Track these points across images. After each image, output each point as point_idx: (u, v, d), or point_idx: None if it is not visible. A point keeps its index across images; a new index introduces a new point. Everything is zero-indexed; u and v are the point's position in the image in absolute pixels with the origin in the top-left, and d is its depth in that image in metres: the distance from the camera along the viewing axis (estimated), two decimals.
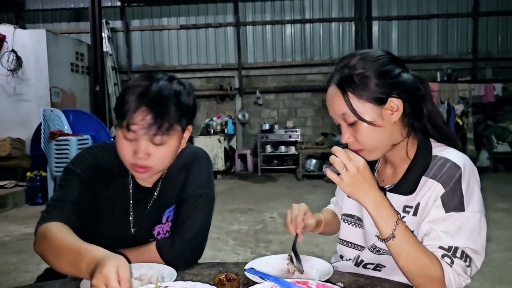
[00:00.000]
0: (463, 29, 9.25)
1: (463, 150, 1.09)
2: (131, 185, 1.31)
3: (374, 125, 1.04)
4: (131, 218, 1.31)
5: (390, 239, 1.00)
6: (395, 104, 1.04)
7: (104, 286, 0.89)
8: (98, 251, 1.00)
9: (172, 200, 1.32)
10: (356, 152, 1.07)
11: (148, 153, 1.15)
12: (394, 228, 0.99)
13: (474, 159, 7.80)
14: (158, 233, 1.32)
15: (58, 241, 1.08)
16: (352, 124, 1.05)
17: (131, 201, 1.30)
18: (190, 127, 1.24)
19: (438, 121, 1.11)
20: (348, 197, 1.19)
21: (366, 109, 1.03)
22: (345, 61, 1.08)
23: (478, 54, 9.04)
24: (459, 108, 7.70)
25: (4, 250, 4.08)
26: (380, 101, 1.03)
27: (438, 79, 8.59)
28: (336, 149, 1.00)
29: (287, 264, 1.19)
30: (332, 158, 1.00)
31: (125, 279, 0.91)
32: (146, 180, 1.29)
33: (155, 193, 1.32)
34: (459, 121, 7.67)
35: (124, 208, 1.30)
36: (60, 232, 1.11)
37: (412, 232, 1.06)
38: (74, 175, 1.24)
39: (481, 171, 7.66)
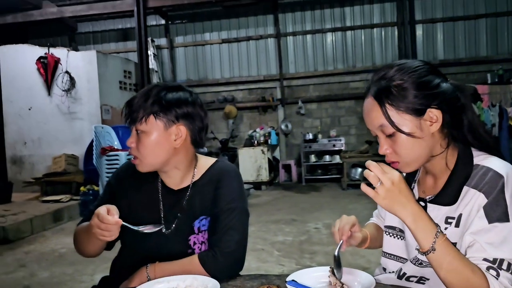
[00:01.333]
0: None
1: None
2: (160, 187, 1.42)
3: (413, 137, 1.02)
4: (163, 223, 1.38)
5: (430, 252, 0.97)
6: (434, 115, 1.03)
7: (97, 219, 1.17)
8: None
9: (200, 212, 1.37)
10: (393, 163, 1.06)
11: (133, 142, 1.31)
12: (434, 240, 0.96)
13: None
14: (194, 243, 1.36)
15: (79, 232, 1.39)
16: (390, 136, 1.05)
17: (161, 203, 1.40)
18: (182, 129, 1.33)
19: (479, 130, 1.08)
20: None
21: (404, 120, 1.02)
22: (382, 72, 1.07)
23: None
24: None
25: (61, 261, 4.29)
26: (419, 112, 1.02)
27: (489, 81, 8.23)
28: (369, 163, 0.99)
29: (329, 276, 1.18)
30: (366, 172, 0.99)
31: (112, 208, 1.19)
32: (171, 182, 1.41)
33: (184, 202, 1.38)
34: None
35: (156, 211, 1.39)
36: (80, 227, 1.41)
37: (455, 244, 1.04)
38: (109, 186, 1.48)
39: None
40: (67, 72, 7.49)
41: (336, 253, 1.16)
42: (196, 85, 9.74)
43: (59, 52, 7.66)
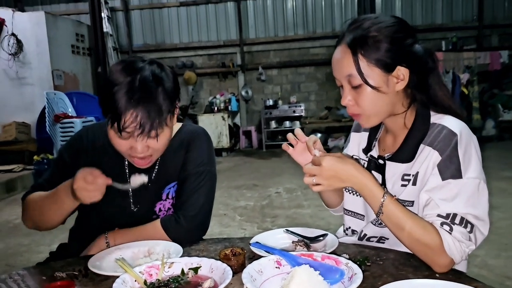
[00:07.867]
0: None
1: (468, 119, 1.08)
2: (126, 165, 1.33)
3: (378, 91, 1.03)
4: (130, 195, 1.32)
5: (380, 214, 1.01)
6: (402, 73, 1.04)
7: (83, 181, 1.08)
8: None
9: (171, 177, 1.33)
10: (354, 115, 1.08)
11: (146, 146, 1.17)
12: (381, 203, 1.00)
13: (480, 128, 7.73)
14: (160, 210, 1.33)
15: (38, 200, 1.26)
16: (355, 87, 1.05)
17: (129, 180, 1.32)
18: (177, 103, 1.24)
19: (441, 96, 1.10)
20: None
21: (373, 73, 1.03)
22: (358, 23, 1.06)
23: (483, 21, 8.85)
24: (464, 77, 7.61)
25: (16, 232, 4.15)
26: (388, 68, 1.03)
27: (443, 48, 8.45)
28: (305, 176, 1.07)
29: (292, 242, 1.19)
30: (306, 179, 1.06)
31: (95, 172, 1.10)
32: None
33: (154, 172, 1.33)
34: (465, 90, 7.59)
35: (123, 183, 1.31)
36: (36, 194, 1.28)
37: (413, 202, 1.07)
38: (61, 160, 1.34)
39: (487, 140, 7.65)
40: (13, 34, 7.02)
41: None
42: (153, 50, 9.42)
43: (3, 12, 7.13)
